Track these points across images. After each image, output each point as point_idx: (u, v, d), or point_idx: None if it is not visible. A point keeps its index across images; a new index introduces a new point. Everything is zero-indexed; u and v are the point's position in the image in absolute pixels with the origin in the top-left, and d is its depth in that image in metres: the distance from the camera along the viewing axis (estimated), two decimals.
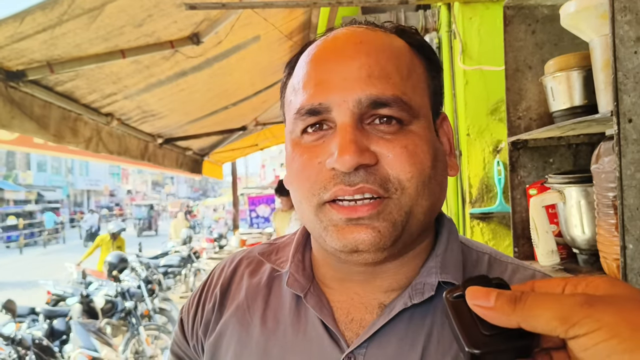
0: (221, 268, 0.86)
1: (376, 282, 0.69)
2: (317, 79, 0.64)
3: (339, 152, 0.59)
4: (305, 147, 0.65)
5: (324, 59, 0.65)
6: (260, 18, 3.41)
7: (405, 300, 0.65)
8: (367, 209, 0.60)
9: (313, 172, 0.63)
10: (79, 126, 3.42)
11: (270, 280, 0.78)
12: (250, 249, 0.87)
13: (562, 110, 1.31)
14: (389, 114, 0.62)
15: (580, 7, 1.13)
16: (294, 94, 0.66)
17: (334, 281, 0.72)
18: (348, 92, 0.61)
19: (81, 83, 3.17)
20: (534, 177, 1.54)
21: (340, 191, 0.60)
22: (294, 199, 0.69)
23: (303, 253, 0.77)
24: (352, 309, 0.70)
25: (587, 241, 1.32)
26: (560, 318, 0.39)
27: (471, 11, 2.41)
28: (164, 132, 5.29)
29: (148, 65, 3.40)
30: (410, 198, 0.62)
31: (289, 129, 0.68)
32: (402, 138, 0.62)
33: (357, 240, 0.60)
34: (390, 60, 0.64)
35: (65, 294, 6.52)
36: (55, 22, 2.38)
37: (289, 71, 0.72)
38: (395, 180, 0.61)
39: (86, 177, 46.84)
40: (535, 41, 1.48)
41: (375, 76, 0.62)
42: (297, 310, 0.72)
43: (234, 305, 0.78)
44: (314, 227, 0.66)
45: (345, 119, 0.61)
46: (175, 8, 2.77)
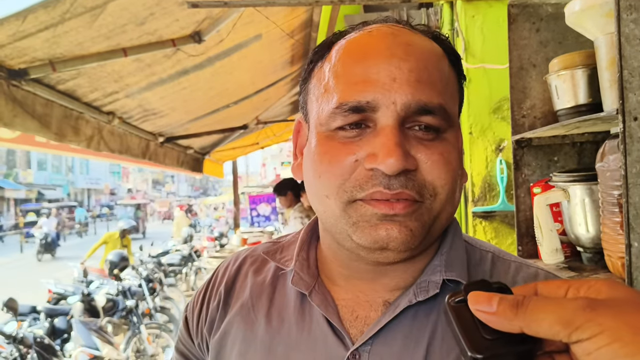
0: (225, 266, 0.86)
1: (383, 281, 0.69)
2: (365, 76, 0.62)
3: (385, 154, 0.58)
4: (339, 142, 0.63)
5: (372, 55, 0.63)
6: (262, 16, 3.41)
7: (410, 298, 0.66)
8: (403, 206, 0.60)
9: (347, 169, 0.62)
10: (81, 125, 3.42)
11: (275, 278, 0.78)
12: (254, 248, 0.87)
13: (566, 109, 1.31)
14: (431, 122, 0.62)
15: (585, 6, 1.13)
16: (332, 86, 0.65)
17: (341, 279, 0.72)
18: (398, 95, 0.60)
19: (83, 81, 3.17)
20: (538, 175, 1.54)
21: (379, 194, 0.60)
22: (314, 194, 0.67)
23: (308, 251, 0.77)
24: (357, 306, 0.70)
25: (591, 239, 1.32)
26: (563, 322, 0.39)
27: (474, 9, 2.41)
28: (165, 131, 5.29)
29: (150, 64, 3.40)
30: (440, 204, 0.63)
31: (320, 122, 0.66)
32: (439, 145, 0.63)
33: (389, 237, 0.60)
34: (435, 67, 0.64)
35: (67, 293, 6.54)
36: (57, 20, 2.38)
37: (317, 59, 0.70)
38: (431, 187, 0.62)
39: (87, 175, 46.88)
40: (540, 39, 1.48)
41: (423, 82, 0.62)
42: (302, 308, 0.72)
43: (238, 304, 0.78)
44: (338, 222, 0.64)
45: (390, 121, 0.60)
46: (178, 6, 2.77)
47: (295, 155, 0.77)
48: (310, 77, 0.71)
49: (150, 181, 64.78)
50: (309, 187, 0.69)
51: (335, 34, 0.71)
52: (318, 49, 0.71)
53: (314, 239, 0.79)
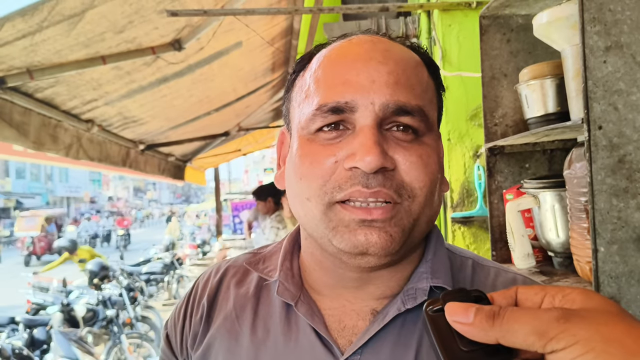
0: (206, 278, 0.85)
1: (369, 289, 0.69)
2: (344, 78, 0.63)
3: (363, 152, 0.59)
4: (320, 144, 0.64)
5: (351, 59, 0.65)
6: (242, 24, 3.42)
7: (399, 306, 0.66)
8: (381, 212, 0.60)
9: (327, 170, 0.62)
10: (59, 133, 3.39)
11: (258, 289, 0.78)
12: (234, 258, 0.87)
13: (536, 117, 1.34)
14: (409, 122, 0.63)
15: (552, 18, 1.16)
16: (312, 91, 0.66)
17: (326, 288, 0.72)
18: (376, 95, 0.62)
19: (61, 89, 3.15)
20: (510, 182, 1.58)
21: (357, 192, 0.60)
22: (296, 197, 0.67)
23: (291, 261, 0.76)
24: (344, 316, 0.70)
25: (561, 244, 1.35)
26: (538, 333, 0.40)
27: (450, 18, 2.45)
28: (146, 138, 5.26)
29: (129, 71, 3.39)
30: (419, 206, 0.63)
31: (301, 125, 0.67)
32: (417, 147, 0.63)
33: (369, 243, 0.60)
34: (413, 72, 0.66)
35: (46, 303, 6.43)
36: (35, 28, 2.36)
37: (299, 69, 0.72)
38: (409, 188, 0.62)
39: (66, 183, 46.18)
40: (510, 50, 1.52)
41: (401, 84, 0.63)
42: (288, 319, 0.72)
43: (221, 316, 0.77)
44: (318, 227, 0.64)
45: (368, 121, 0.61)
46: (157, 14, 2.77)
47: (279, 164, 0.77)
48: (293, 87, 0.72)
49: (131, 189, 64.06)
50: (290, 191, 0.69)
51: (317, 46, 0.73)
52: (300, 59, 0.73)
53: (296, 248, 0.79)
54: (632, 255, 1.06)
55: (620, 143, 1.05)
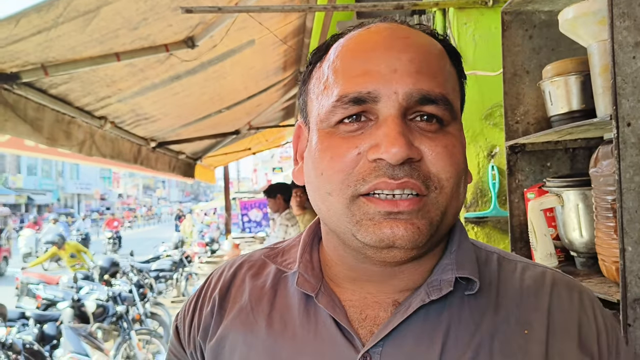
0: (220, 272, 0.84)
1: (392, 282, 0.68)
2: (365, 68, 0.62)
3: (388, 143, 0.58)
4: (341, 137, 0.62)
5: (371, 49, 0.63)
6: (255, 22, 3.41)
7: (423, 297, 0.65)
8: (407, 203, 0.59)
9: (350, 163, 0.61)
10: (73, 129, 3.40)
11: (276, 282, 0.77)
12: (250, 253, 0.86)
13: (560, 115, 1.32)
14: (434, 112, 0.62)
15: (578, 13, 1.14)
16: (331, 82, 0.64)
17: (347, 281, 0.71)
18: (399, 84, 0.60)
19: (75, 86, 3.16)
20: (531, 180, 1.55)
21: (383, 184, 0.59)
22: (316, 192, 0.66)
23: (310, 253, 0.75)
24: (365, 307, 0.69)
25: (585, 244, 1.33)
26: None
27: (466, 17, 2.43)
28: (157, 136, 5.27)
29: (142, 69, 3.40)
30: (446, 198, 0.62)
31: (320, 118, 0.65)
32: (442, 137, 0.62)
33: (395, 235, 0.59)
34: (435, 60, 0.64)
35: (56, 298, 6.48)
36: (50, 24, 2.37)
37: (316, 60, 0.71)
38: (436, 179, 0.61)
39: (77, 180, 46.55)
40: (533, 46, 1.49)
41: (424, 72, 0.61)
42: (307, 311, 0.71)
43: (236, 308, 0.76)
44: (341, 221, 0.63)
45: (392, 111, 0.60)
46: (171, 12, 2.77)
47: (296, 160, 0.76)
48: (310, 78, 0.71)
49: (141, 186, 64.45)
50: (310, 187, 0.68)
51: (334, 36, 0.71)
52: (316, 50, 0.71)
53: (315, 241, 0.78)
54: None
55: None
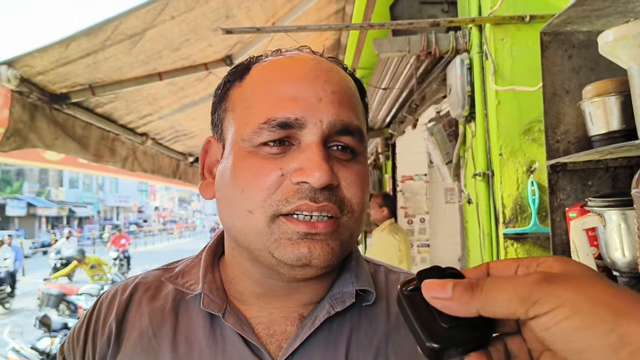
0: (111, 296, 0.79)
1: (297, 296, 0.71)
2: (292, 95, 0.64)
3: (313, 168, 0.61)
4: (263, 157, 0.64)
5: (297, 77, 0.65)
6: (292, 40, 3.48)
7: (328, 309, 0.69)
8: (324, 225, 0.62)
9: (272, 183, 0.63)
10: (117, 146, 3.53)
11: (176, 304, 0.75)
12: (143, 275, 0.83)
13: (600, 135, 1.32)
14: (350, 142, 0.66)
15: (618, 36, 1.14)
16: (257, 104, 0.66)
17: (253, 297, 0.72)
18: (324, 113, 0.63)
19: (120, 104, 3.29)
20: (573, 199, 1.54)
21: (305, 206, 0.62)
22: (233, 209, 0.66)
23: (213, 273, 0.75)
24: (272, 323, 0.71)
25: (627, 264, 1.32)
26: (520, 299, 0.38)
27: (502, 32, 2.43)
28: (195, 151, 5.40)
29: (183, 87, 3.51)
30: (355, 221, 0.66)
31: (242, 137, 0.66)
32: (354, 166, 0.67)
33: (312, 255, 0.62)
34: (352, 94, 0.69)
35: None
36: (98, 47, 2.48)
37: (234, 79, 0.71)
38: (349, 204, 0.65)
39: (116, 193, 47.78)
40: (572, 66, 1.49)
41: (344, 105, 0.66)
42: (213, 331, 0.70)
43: (135, 334, 0.73)
44: (259, 239, 0.64)
45: (316, 138, 0.63)
46: (211, 32, 2.86)
47: (203, 175, 0.76)
48: (227, 97, 0.71)
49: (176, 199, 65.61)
50: (226, 203, 0.67)
51: (252, 58, 0.73)
52: (236, 70, 0.73)
53: (216, 260, 0.78)
54: None
55: None
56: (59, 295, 7.77)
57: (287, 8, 3.29)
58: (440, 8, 3.24)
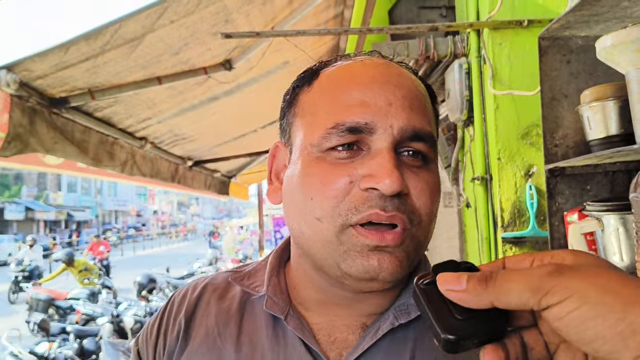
0: (182, 295, 0.83)
1: (361, 306, 0.69)
2: (362, 99, 0.62)
3: (384, 174, 0.59)
4: (331, 163, 0.63)
5: (368, 81, 0.64)
6: (291, 44, 3.49)
7: (392, 321, 0.67)
8: (392, 237, 0.60)
9: (341, 190, 0.61)
10: (116, 150, 3.53)
11: (242, 305, 0.76)
12: (213, 276, 0.85)
13: (599, 139, 1.32)
14: (421, 149, 0.64)
15: (616, 42, 1.15)
16: (326, 108, 0.65)
17: (315, 304, 0.72)
18: (395, 118, 0.62)
19: (119, 108, 3.29)
20: (571, 204, 1.55)
21: (375, 215, 0.60)
22: (302, 216, 0.65)
23: (278, 276, 0.76)
24: (334, 330, 0.70)
25: (626, 268, 1.32)
26: (532, 289, 0.39)
27: (501, 37, 2.44)
28: (194, 155, 5.40)
29: (182, 91, 3.51)
30: (423, 232, 0.64)
31: (311, 143, 0.65)
32: (425, 174, 0.64)
33: (381, 269, 0.60)
34: (423, 99, 0.67)
35: (95, 314, 6.65)
36: (97, 51, 2.48)
37: (303, 84, 0.71)
38: (418, 214, 0.62)
39: (114, 197, 47.72)
40: (571, 71, 1.50)
41: (415, 109, 0.64)
42: (275, 333, 0.71)
43: (202, 333, 0.75)
44: (326, 249, 0.63)
45: (386, 144, 0.61)
46: (211, 36, 2.87)
47: (270, 180, 0.76)
48: (296, 102, 0.71)
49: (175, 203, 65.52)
50: (294, 208, 0.67)
51: (321, 62, 0.72)
52: (304, 74, 0.72)
53: (282, 264, 0.79)
54: None
55: None
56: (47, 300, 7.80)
57: (286, 12, 3.30)
58: (439, 13, 3.25)
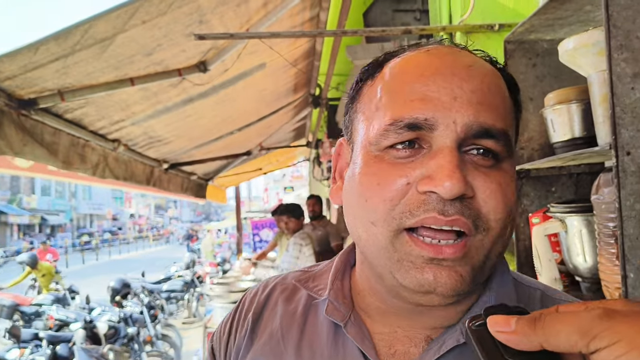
0: (253, 293, 0.82)
1: (425, 319, 0.64)
2: (423, 93, 0.57)
3: (443, 176, 0.54)
4: (389, 162, 0.58)
5: (431, 73, 0.59)
6: (266, 46, 3.48)
7: (458, 337, 0.61)
8: (453, 251, 0.55)
9: (397, 192, 0.57)
10: (87, 152, 3.47)
11: (307, 308, 0.74)
12: (283, 276, 0.83)
13: (562, 142, 1.34)
14: (492, 147, 0.58)
15: (578, 45, 1.17)
16: (385, 103, 0.60)
17: (377, 312, 0.68)
18: (458, 114, 0.56)
19: (90, 110, 3.23)
20: (536, 205, 1.57)
21: (432, 219, 0.55)
22: (358, 219, 0.62)
23: (342, 280, 0.72)
24: (395, 341, 0.65)
25: (589, 269, 1.34)
26: (580, 332, 0.39)
27: (473, 40, 2.47)
28: (170, 157, 5.35)
29: (156, 92, 3.47)
30: (492, 240, 0.57)
31: (369, 140, 0.61)
32: (497, 174, 0.58)
33: (437, 283, 0.55)
34: (498, 92, 0.60)
35: (69, 319, 6.52)
36: (68, 52, 2.44)
37: (366, 77, 0.67)
38: (485, 219, 0.57)
39: (89, 201, 47.02)
40: (536, 74, 1.52)
41: (486, 104, 0.58)
42: (335, 341, 0.68)
43: (266, 333, 0.74)
44: (381, 256, 0.59)
45: (448, 142, 0.56)
46: (184, 38, 2.84)
47: (334, 178, 0.72)
48: (359, 96, 0.67)
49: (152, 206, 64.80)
50: (351, 212, 0.63)
51: (387, 54, 0.67)
52: (368, 67, 0.68)
53: (348, 268, 0.75)
54: None
55: None
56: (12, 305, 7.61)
57: (261, 14, 3.28)
58: (413, 16, 3.28)
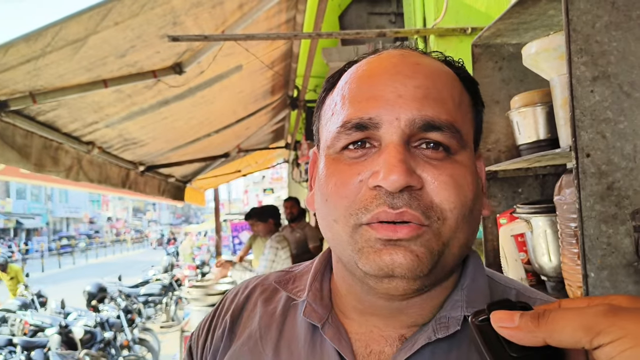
0: (234, 294, 0.83)
1: (400, 317, 0.65)
2: (369, 94, 0.60)
3: (387, 170, 0.56)
4: (345, 163, 0.61)
5: (377, 75, 0.61)
6: (242, 48, 3.47)
7: (429, 335, 0.62)
8: (406, 230, 0.56)
9: (352, 190, 0.59)
10: (60, 155, 3.43)
11: (286, 309, 0.75)
12: (265, 276, 0.84)
13: (527, 144, 1.37)
14: (439, 139, 0.59)
15: (540, 49, 1.20)
16: (339, 108, 0.63)
17: (354, 313, 0.69)
18: (402, 110, 0.58)
19: (63, 112, 3.19)
20: (504, 206, 1.60)
21: (383, 214, 0.57)
22: (323, 219, 0.64)
23: (321, 282, 0.73)
24: (371, 341, 0.67)
25: (554, 269, 1.37)
26: (584, 328, 0.39)
27: (445, 44, 2.51)
28: (146, 160, 5.30)
29: (130, 94, 3.44)
30: (449, 229, 0.59)
31: (327, 144, 0.64)
32: (449, 166, 0.59)
33: (394, 263, 0.56)
34: (445, 86, 0.62)
35: (44, 324, 6.41)
36: (38, 53, 2.41)
37: (329, 87, 0.70)
38: (438, 209, 0.58)
39: (66, 204, 46.23)
40: (502, 77, 1.55)
41: (431, 98, 0.59)
42: (313, 342, 0.69)
43: (245, 334, 0.75)
44: (345, 249, 0.61)
45: (394, 138, 0.58)
46: (159, 39, 2.82)
47: (311, 186, 0.74)
48: (322, 106, 0.70)
49: (130, 209, 64.00)
50: (319, 213, 0.66)
51: (347, 63, 0.70)
52: (330, 77, 0.71)
53: (327, 269, 0.76)
54: (622, 281, 1.07)
55: (608, 170, 1.07)
56: None
57: (236, 16, 3.28)
58: (388, 19, 3.31)
